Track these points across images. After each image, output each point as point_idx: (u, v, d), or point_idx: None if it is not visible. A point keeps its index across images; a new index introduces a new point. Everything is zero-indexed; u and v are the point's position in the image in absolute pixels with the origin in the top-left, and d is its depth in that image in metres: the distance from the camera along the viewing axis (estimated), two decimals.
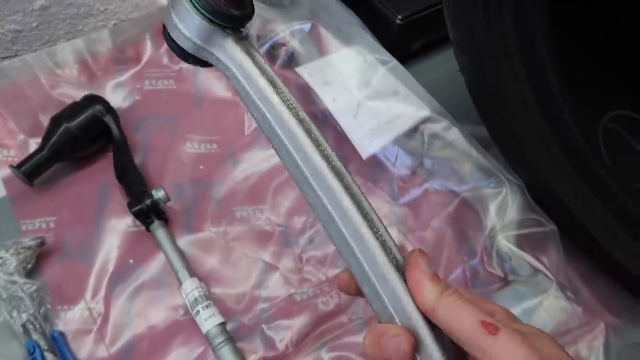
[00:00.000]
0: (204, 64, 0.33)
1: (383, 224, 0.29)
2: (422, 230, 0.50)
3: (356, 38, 0.55)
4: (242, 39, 0.32)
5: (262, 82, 0.32)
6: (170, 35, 0.33)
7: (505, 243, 0.45)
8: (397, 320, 0.28)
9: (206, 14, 0.31)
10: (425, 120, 0.50)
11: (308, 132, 0.32)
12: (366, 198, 0.30)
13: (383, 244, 0.28)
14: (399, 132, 0.50)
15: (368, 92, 0.52)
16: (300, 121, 0.32)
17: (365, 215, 0.29)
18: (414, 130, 0.50)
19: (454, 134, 0.49)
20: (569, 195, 0.46)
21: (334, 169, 0.30)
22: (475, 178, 0.48)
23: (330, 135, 0.54)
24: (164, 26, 0.33)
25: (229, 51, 0.32)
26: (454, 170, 0.49)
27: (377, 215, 0.30)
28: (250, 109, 0.32)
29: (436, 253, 0.49)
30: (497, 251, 0.46)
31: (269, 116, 0.31)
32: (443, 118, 0.50)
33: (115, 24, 0.60)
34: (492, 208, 0.47)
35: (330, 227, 0.30)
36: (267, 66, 0.33)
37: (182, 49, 0.33)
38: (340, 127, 0.51)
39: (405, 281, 0.27)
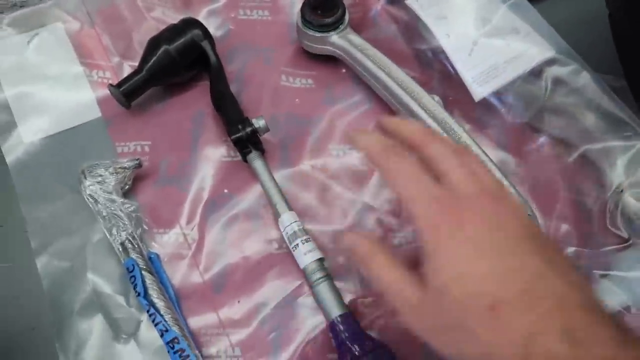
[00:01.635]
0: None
1: None
2: (534, 181, 0.46)
3: None
4: (343, 32, 0.50)
5: (362, 58, 0.49)
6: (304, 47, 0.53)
7: (633, 202, 0.41)
8: None
9: (311, 28, 0.50)
10: (550, 63, 0.46)
11: (406, 89, 0.47)
12: None
13: None
14: (518, 74, 0.46)
15: (486, 29, 0.48)
16: (397, 82, 0.47)
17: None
18: (535, 74, 0.46)
19: (584, 80, 0.44)
20: None
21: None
22: (603, 129, 0.44)
23: (437, 73, 0.51)
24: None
25: (337, 44, 0.50)
26: (578, 121, 0.45)
27: None
28: (363, 78, 0.50)
29: (548, 207, 0.45)
30: (622, 210, 0.42)
31: (376, 83, 0.49)
32: (572, 61, 0.45)
33: None
34: (621, 163, 0.42)
35: None
36: (365, 44, 0.50)
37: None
38: (452, 65, 0.48)
39: None
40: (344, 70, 0.53)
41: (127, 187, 0.46)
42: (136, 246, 0.43)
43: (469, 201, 0.28)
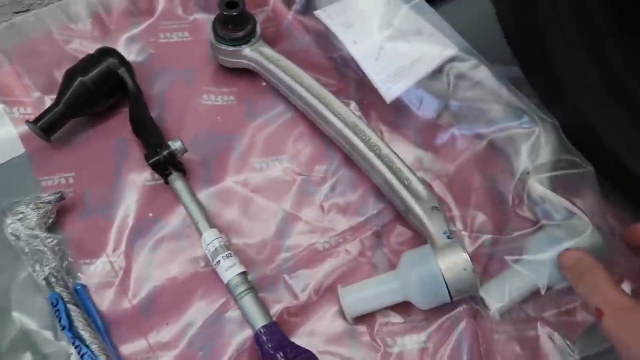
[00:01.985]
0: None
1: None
2: (449, 175, 0.48)
3: None
4: (254, 45, 0.52)
5: (275, 69, 0.51)
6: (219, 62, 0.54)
7: (537, 186, 0.43)
8: None
9: (224, 43, 0.52)
10: (452, 60, 0.47)
11: (320, 98, 0.49)
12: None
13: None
14: (424, 74, 0.47)
15: (391, 32, 0.49)
16: (309, 90, 0.49)
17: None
18: (439, 72, 0.47)
19: (483, 73, 0.46)
20: (612, 135, 0.42)
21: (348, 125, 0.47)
22: (506, 119, 0.45)
23: (352, 80, 0.52)
24: None
25: (250, 57, 0.52)
26: (482, 112, 0.46)
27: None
28: (279, 90, 0.52)
29: (464, 199, 0.47)
30: (528, 195, 0.43)
31: (289, 92, 0.50)
32: (471, 57, 0.47)
33: None
34: (524, 150, 0.44)
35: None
36: (277, 55, 0.52)
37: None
38: (362, 71, 0.49)
39: None
40: (264, 84, 0.54)
41: (51, 221, 0.46)
42: (61, 280, 0.43)
43: None
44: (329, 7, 0.51)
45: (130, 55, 0.56)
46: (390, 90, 0.48)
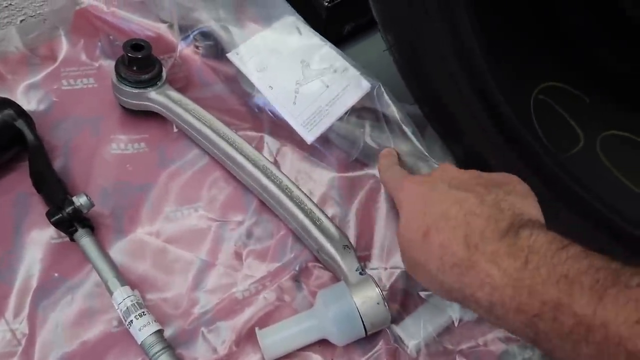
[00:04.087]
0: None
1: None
2: (362, 212, 0.49)
3: (286, 17, 0.53)
4: (160, 88, 0.51)
5: (183, 113, 0.50)
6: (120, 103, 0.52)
7: None
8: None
9: (127, 83, 0.50)
10: (366, 100, 0.49)
11: (230, 141, 0.49)
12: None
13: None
14: (342, 113, 0.49)
15: (306, 73, 0.50)
16: (219, 134, 0.49)
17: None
18: (353, 112, 0.49)
19: (392, 114, 0.48)
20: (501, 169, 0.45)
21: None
22: (411, 161, 0.47)
23: (266, 122, 0.53)
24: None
25: (155, 100, 0.51)
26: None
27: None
28: (189, 135, 0.51)
29: (378, 235, 0.48)
30: None
31: (198, 136, 0.50)
32: (385, 96, 0.49)
33: (23, 21, 0.55)
34: None
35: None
36: (184, 99, 0.51)
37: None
38: (278, 115, 0.50)
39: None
40: (176, 130, 0.53)
41: None
42: None
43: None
44: (240, 48, 0.51)
45: (30, 103, 0.53)
46: (309, 133, 0.49)
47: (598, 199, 0.48)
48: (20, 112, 0.49)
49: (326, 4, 0.57)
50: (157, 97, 0.51)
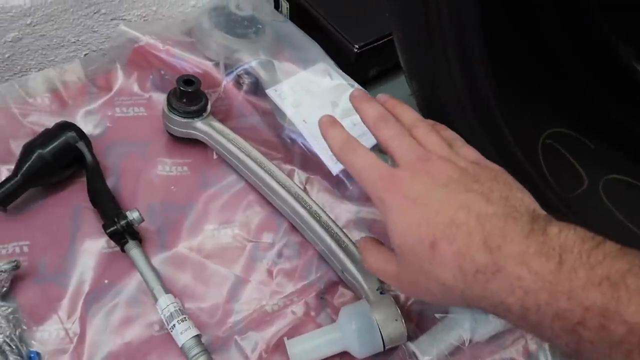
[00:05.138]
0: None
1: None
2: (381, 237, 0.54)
3: (319, 63, 0.59)
4: (205, 119, 0.57)
5: (225, 142, 0.56)
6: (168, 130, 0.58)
7: None
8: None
9: (177, 113, 0.56)
10: None
11: (266, 169, 0.54)
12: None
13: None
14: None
15: (336, 111, 0.56)
16: (257, 162, 0.55)
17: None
18: (374, 148, 0.54)
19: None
20: None
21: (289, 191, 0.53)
22: None
23: (297, 154, 0.58)
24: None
25: (201, 129, 0.57)
26: None
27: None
28: (228, 161, 0.57)
29: None
30: None
31: (237, 163, 0.56)
32: None
33: (86, 54, 0.62)
34: None
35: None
36: (226, 129, 0.57)
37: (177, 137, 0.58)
38: (308, 148, 0.55)
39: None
40: (215, 156, 0.59)
41: (4, 289, 0.47)
42: (14, 347, 0.44)
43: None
44: (278, 86, 0.58)
45: (87, 127, 0.59)
46: (335, 165, 0.54)
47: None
48: (81, 134, 0.55)
49: (355, 49, 0.63)
50: (202, 127, 0.57)
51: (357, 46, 0.63)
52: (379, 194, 0.36)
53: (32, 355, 0.45)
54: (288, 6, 0.70)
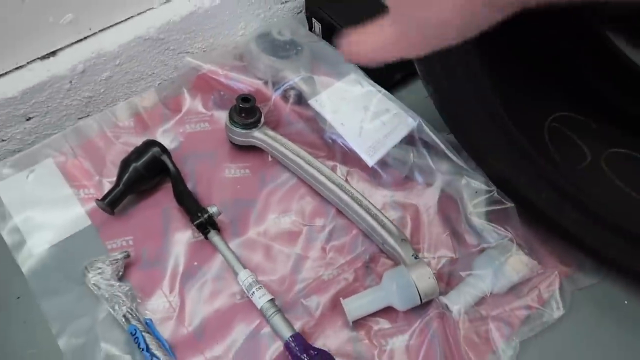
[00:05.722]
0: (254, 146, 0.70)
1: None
2: (415, 215, 0.65)
3: (351, 74, 0.71)
4: (261, 129, 0.69)
5: (279, 146, 0.68)
6: (231, 140, 0.70)
7: (477, 219, 0.60)
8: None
9: (237, 126, 0.68)
10: (413, 131, 0.66)
11: (314, 166, 0.66)
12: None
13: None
14: (395, 143, 0.65)
15: (368, 114, 0.67)
16: (306, 161, 0.66)
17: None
18: (405, 141, 0.66)
19: (435, 141, 0.64)
20: (522, 185, 0.60)
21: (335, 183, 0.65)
22: (451, 173, 0.63)
23: (338, 152, 0.70)
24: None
25: (258, 137, 0.69)
26: (435, 169, 0.64)
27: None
28: (282, 162, 0.69)
29: (428, 232, 0.64)
30: (472, 226, 0.61)
31: (289, 162, 0.67)
32: (426, 129, 0.65)
33: (159, 84, 0.76)
34: (466, 195, 0.61)
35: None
36: (278, 136, 0.69)
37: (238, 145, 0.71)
38: (347, 145, 0.67)
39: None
40: (270, 159, 0.72)
41: (120, 273, 0.61)
42: (134, 315, 0.57)
43: None
44: (318, 97, 0.69)
45: (165, 142, 0.72)
46: (371, 158, 0.66)
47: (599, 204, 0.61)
48: (164, 149, 0.68)
49: None
50: (259, 135, 0.69)
51: None
52: None
53: (147, 321, 0.58)
54: (320, 27, 0.82)
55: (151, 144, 0.68)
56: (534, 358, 0.57)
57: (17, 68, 0.64)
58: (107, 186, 0.67)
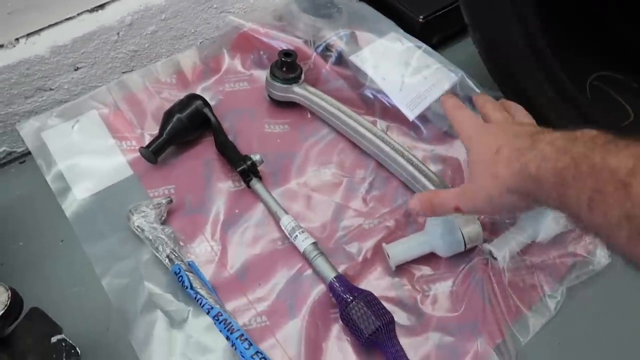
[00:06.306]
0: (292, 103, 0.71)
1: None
2: (455, 166, 0.65)
3: (391, 33, 0.72)
4: (301, 85, 0.69)
5: (319, 101, 0.68)
6: (270, 97, 0.72)
7: None
8: None
9: (278, 80, 0.68)
10: (455, 86, 0.66)
11: (355, 119, 0.66)
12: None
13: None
14: (435, 97, 0.65)
15: (409, 69, 0.67)
16: (347, 115, 0.67)
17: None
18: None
19: (475, 95, 0.64)
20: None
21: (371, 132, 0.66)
22: None
23: (377, 107, 0.70)
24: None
25: (298, 92, 0.69)
26: None
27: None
28: (321, 117, 0.70)
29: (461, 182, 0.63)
30: None
31: (330, 117, 0.68)
32: (469, 82, 0.65)
33: (201, 42, 0.77)
34: None
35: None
36: (318, 91, 0.69)
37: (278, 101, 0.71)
38: (387, 100, 0.67)
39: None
40: (309, 116, 0.72)
41: (163, 218, 0.61)
42: (178, 256, 0.58)
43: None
44: (359, 52, 0.70)
45: None
46: (412, 112, 0.66)
47: None
48: (206, 102, 0.69)
49: (420, 20, 0.75)
50: (299, 90, 0.70)
51: (421, 17, 0.75)
52: (465, 128, 0.50)
53: (190, 262, 0.58)
54: None
55: (194, 97, 0.69)
56: (580, 305, 0.56)
57: (67, 19, 0.65)
58: (148, 139, 0.68)
